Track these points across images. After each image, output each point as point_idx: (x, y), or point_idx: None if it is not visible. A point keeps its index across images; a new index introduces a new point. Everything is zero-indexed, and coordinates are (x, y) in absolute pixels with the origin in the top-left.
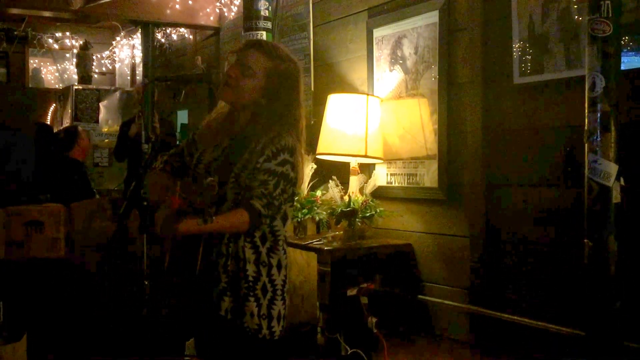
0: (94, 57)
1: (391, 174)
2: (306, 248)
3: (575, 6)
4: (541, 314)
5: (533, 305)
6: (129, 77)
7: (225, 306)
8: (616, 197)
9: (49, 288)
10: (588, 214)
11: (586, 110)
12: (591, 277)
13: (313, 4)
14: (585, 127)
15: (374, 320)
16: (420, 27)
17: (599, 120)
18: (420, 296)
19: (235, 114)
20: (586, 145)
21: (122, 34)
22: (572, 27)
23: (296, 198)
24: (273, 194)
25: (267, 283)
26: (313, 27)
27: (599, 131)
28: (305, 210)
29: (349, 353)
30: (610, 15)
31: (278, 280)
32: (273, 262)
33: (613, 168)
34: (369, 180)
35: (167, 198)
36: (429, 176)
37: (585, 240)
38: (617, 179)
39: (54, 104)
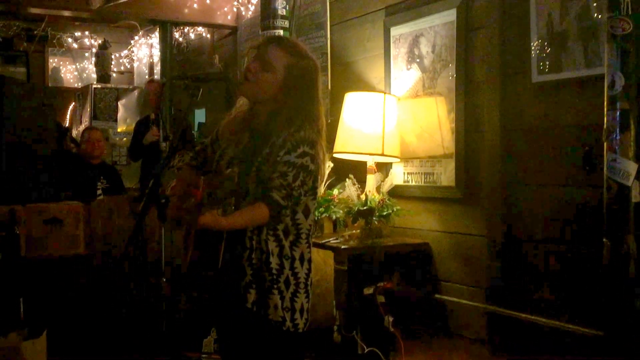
0: (113, 56)
1: (408, 173)
2: (323, 247)
3: (595, 4)
4: (559, 314)
5: (551, 304)
6: (147, 76)
7: (252, 299)
8: (636, 196)
9: (68, 285)
10: (607, 213)
11: (605, 109)
12: (610, 277)
13: (330, 3)
14: (604, 126)
15: (391, 319)
16: (438, 25)
17: (618, 118)
18: (437, 295)
19: (255, 110)
20: (605, 144)
21: (140, 33)
22: (591, 25)
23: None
24: (292, 185)
25: (290, 276)
26: (330, 26)
27: (618, 130)
28: (322, 209)
29: (365, 352)
30: (630, 12)
31: (301, 273)
32: (296, 255)
33: (632, 167)
34: (386, 179)
35: (192, 191)
36: (446, 175)
37: (604, 240)
38: (637, 178)
39: (73, 103)
